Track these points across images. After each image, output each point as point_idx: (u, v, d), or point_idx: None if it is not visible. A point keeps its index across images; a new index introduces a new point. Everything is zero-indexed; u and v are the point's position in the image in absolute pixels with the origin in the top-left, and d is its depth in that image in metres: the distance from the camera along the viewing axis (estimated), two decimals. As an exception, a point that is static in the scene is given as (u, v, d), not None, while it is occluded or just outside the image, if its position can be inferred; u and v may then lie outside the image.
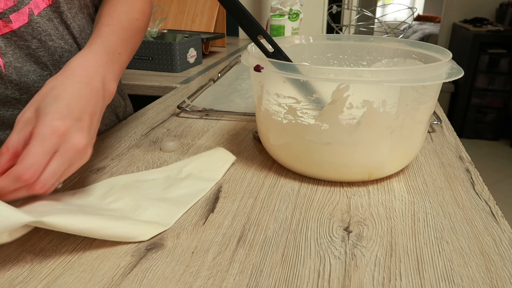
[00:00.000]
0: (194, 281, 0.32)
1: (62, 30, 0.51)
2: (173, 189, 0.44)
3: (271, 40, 0.48)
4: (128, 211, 0.40)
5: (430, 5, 5.54)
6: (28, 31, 0.47)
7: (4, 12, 0.44)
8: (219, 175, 0.47)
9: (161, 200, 0.42)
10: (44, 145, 0.34)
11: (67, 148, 0.36)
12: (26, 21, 0.46)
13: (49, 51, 0.50)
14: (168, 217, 0.39)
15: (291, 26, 1.23)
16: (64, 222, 0.33)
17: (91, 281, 0.32)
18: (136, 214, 0.39)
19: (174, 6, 1.38)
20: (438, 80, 0.40)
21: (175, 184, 0.45)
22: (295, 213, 0.40)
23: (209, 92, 0.80)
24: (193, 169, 0.48)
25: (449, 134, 0.62)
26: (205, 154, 0.51)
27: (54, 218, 0.33)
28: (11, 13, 0.44)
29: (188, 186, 0.45)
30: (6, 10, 0.44)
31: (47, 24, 0.48)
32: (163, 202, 0.42)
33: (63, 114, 0.36)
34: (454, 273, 0.32)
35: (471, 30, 2.95)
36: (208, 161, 0.50)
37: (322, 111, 0.42)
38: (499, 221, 0.39)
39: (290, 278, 0.32)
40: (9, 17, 0.44)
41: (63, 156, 0.36)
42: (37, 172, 0.34)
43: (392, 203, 0.42)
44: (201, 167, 0.49)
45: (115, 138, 0.59)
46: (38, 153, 0.34)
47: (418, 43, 0.53)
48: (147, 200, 0.42)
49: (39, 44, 0.48)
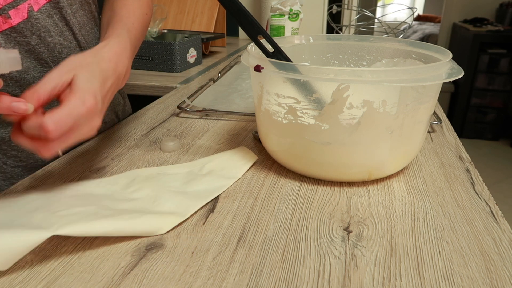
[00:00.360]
0: (194, 281, 0.32)
1: (62, 26, 0.51)
2: (194, 184, 0.45)
3: (271, 40, 0.48)
4: (148, 201, 0.42)
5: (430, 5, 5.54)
6: (27, 27, 0.47)
7: (3, 8, 0.44)
8: (239, 173, 0.48)
9: (180, 193, 0.43)
10: (75, 114, 0.37)
11: (87, 126, 0.39)
12: (25, 17, 0.46)
13: (49, 47, 0.50)
14: (185, 208, 0.40)
15: (291, 26, 1.23)
16: (81, 230, 0.34)
17: (91, 281, 0.32)
18: (155, 205, 0.41)
19: (174, 6, 1.38)
20: (438, 80, 0.40)
21: (196, 180, 0.46)
22: (295, 213, 0.40)
23: (209, 92, 0.80)
24: (215, 166, 0.49)
25: (449, 134, 0.62)
26: (228, 153, 0.53)
27: (71, 228, 0.34)
28: (10, 9, 0.44)
29: (208, 182, 0.46)
30: (5, 6, 0.44)
31: (46, 20, 0.48)
32: (182, 195, 0.43)
33: (96, 94, 0.39)
34: (454, 273, 0.32)
35: (471, 30, 2.95)
36: (231, 159, 0.51)
37: (322, 111, 0.42)
38: (499, 221, 0.39)
39: (290, 278, 0.32)
40: (9, 13, 0.44)
41: (80, 132, 0.39)
42: (59, 132, 0.36)
43: (392, 203, 0.42)
44: (223, 165, 0.50)
45: (115, 138, 0.59)
46: (69, 118, 0.36)
47: (418, 43, 0.53)
48: (167, 192, 0.43)
49: (38, 40, 0.48)
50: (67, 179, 0.47)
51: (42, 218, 0.36)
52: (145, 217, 0.38)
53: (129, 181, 0.45)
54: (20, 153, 0.52)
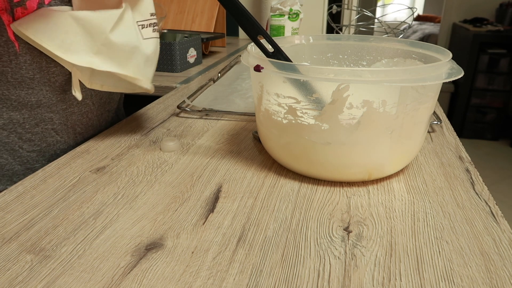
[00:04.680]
0: (194, 281, 0.32)
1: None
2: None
3: (271, 40, 0.48)
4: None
5: (430, 5, 5.54)
6: None
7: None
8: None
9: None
10: None
11: None
12: (35, 8, 0.48)
13: None
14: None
15: (291, 26, 1.23)
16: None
17: (91, 281, 0.32)
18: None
19: (174, 6, 1.38)
20: (438, 80, 0.40)
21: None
22: (295, 213, 0.40)
23: (209, 92, 0.80)
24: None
25: (449, 134, 0.62)
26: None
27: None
28: (27, 0, 0.47)
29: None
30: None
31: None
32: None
33: None
34: (454, 273, 0.32)
35: (471, 30, 2.95)
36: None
37: (322, 111, 0.42)
38: (499, 221, 0.39)
39: (290, 278, 0.32)
40: (26, 4, 0.47)
41: None
42: None
43: (392, 203, 0.42)
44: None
45: (115, 138, 0.59)
46: None
47: (418, 43, 0.53)
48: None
49: None
50: (67, 179, 0.47)
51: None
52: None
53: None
54: (34, 136, 0.54)
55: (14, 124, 0.52)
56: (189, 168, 0.50)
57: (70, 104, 0.56)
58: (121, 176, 0.48)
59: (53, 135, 0.56)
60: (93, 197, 0.43)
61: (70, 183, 0.46)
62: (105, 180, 0.47)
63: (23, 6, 0.46)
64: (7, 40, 0.47)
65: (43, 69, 0.51)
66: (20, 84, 0.51)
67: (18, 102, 0.51)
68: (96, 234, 0.37)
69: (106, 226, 0.38)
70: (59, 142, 0.57)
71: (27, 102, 0.52)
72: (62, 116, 0.56)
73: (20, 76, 0.50)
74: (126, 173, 0.48)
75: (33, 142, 0.55)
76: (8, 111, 0.51)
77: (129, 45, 0.52)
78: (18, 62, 0.49)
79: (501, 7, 3.23)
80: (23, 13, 0.46)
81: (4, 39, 0.47)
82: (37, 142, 0.55)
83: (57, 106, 0.55)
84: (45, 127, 0.55)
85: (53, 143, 0.56)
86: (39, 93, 0.52)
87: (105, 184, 0.46)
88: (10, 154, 0.54)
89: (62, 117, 0.56)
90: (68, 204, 0.42)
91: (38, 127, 0.54)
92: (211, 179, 0.47)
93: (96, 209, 0.41)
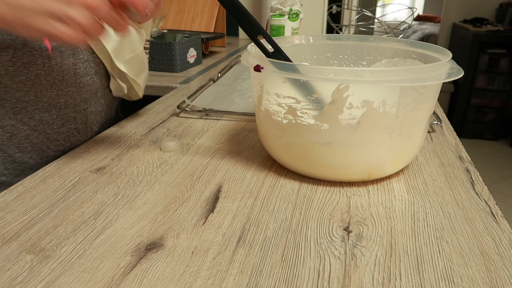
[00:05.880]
0: (194, 281, 0.32)
1: None
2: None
3: (271, 40, 0.48)
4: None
5: (430, 5, 5.54)
6: None
7: None
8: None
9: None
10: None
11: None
12: None
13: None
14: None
15: (291, 26, 1.23)
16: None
17: (91, 281, 0.32)
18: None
19: (174, 6, 1.38)
20: (438, 80, 0.40)
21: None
22: (295, 213, 0.40)
23: (209, 92, 0.80)
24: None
25: (449, 134, 0.62)
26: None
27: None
28: None
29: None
30: None
31: None
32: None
33: None
34: (454, 273, 0.32)
35: (471, 30, 2.95)
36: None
37: (322, 111, 0.42)
38: (499, 221, 0.39)
39: (290, 278, 0.32)
40: None
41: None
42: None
43: (392, 203, 0.42)
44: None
45: (115, 138, 0.59)
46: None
47: (418, 43, 0.53)
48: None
49: None
50: (67, 179, 0.47)
51: None
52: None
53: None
54: (60, 136, 0.57)
55: (44, 125, 0.54)
56: (189, 168, 0.50)
57: (90, 103, 0.59)
58: (121, 176, 0.48)
59: (75, 134, 0.58)
60: (93, 197, 0.43)
61: (70, 183, 0.46)
62: (105, 180, 0.47)
63: None
64: (41, 44, 0.49)
65: (70, 70, 0.54)
66: (52, 86, 0.53)
67: (49, 104, 0.54)
68: (96, 234, 0.37)
69: (106, 226, 0.38)
70: (80, 141, 0.59)
71: (57, 103, 0.54)
72: (83, 116, 0.58)
73: (52, 78, 0.52)
74: (126, 173, 0.48)
75: (58, 142, 0.57)
76: (39, 113, 0.54)
77: (144, 62, 0.63)
78: (51, 65, 0.52)
79: (501, 7, 3.23)
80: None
81: (38, 43, 0.49)
82: (62, 142, 0.57)
83: (80, 106, 0.57)
84: (70, 127, 0.57)
85: (75, 142, 0.59)
86: (66, 94, 0.55)
87: (105, 184, 0.46)
88: (38, 154, 0.56)
89: (83, 117, 0.59)
90: (68, 204, 0.42)
91: (64, 127, 0.56)
92: (211, 179, 0.47)
93: (96, 209, 0.41)
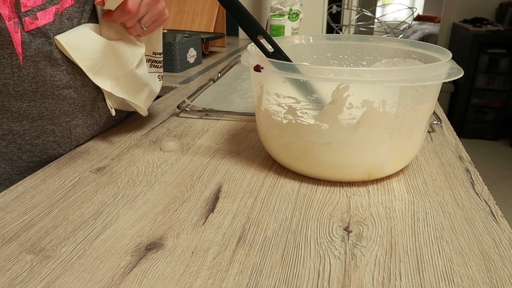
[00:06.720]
0: (194, 281, 0.32)
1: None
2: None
3: (271, 40, 0.48)
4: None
5: (430, 5, 5.54)
6: (51, 29, 0.48)
7: (32, 9, 0.46)
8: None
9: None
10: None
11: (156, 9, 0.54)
12: (51, 19, 0.48)
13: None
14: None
15: (291, 26, 1.23)
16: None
17: (91, 281, 0.32)
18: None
19: (174, 6, 1.38)
20: (438, 80, 0.40)
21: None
22: (295, 213, 0.40)
23: (209, 92, 0.80)
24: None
25: (449, 134, 0.62)
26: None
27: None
28: (38, 11, 0.46)
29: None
30: (34, 8, 0.46)
31: (66, 23, 0.50)
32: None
33: None
34: (454, 273, 0.32)
35: (471, 30, 2.95)
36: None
37: (322, 111, 0.42)
38: (499, 221, 0.39)
39: (290, 278, 0.32)
40: (36, 15, 0.46)
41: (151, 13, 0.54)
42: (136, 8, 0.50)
43: (392, 203, 0.42)
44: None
45: (115, 138, 0.59)
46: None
47: (418, 43, 0.53)
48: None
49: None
50: (67, 179, 0.47)
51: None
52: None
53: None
54: (34, 148, 0.53)
55: (13, 135, 0.51)
56: (189, 168, 0.50)
57: (74, 116, 0.55)
58: (121, 176, 0.48)
59: (54, 147, 0.54)
60: (93, 197, 0.43)
61: (70, 183, 0.46)
62: (105, 180, 0.47)
63: (31, 16, 0.46)
64: (12, 53, 0.46)
65: (47, 82, 0.50)
66: (22, 96, 0.49)
67: (19, 114, 0.50)
68: (96, 234, 0.37)
69: (106, 226, 0.38)
70: (61, 154, 0.55)
71: (28, 114, 0.50)
72: (65, 129, 0.54)
73: (22, 89, 0.49)
74: (126, 173, 0.49)
75: (33, 153, 0.53)
76: (8, 122, 0.50)
77: (142, 80, 0.59)
78: (21, 75, 0.48)
79: (501, 7, 3.23)
80: (32, 23, 0.46)
81: (9, 51, 0.46)
82: (37, 154, 0.54)
83: (59, 119, 0.53)
84: (47, 139, 0.53)
85: (54, 155, 0.55)
86: (41, 106, 0.51)
87: (105, 184, 0.46)
88: (8, 163, 0.53)
89: (65, 130, 0.54)
90: (68, 204, 0.42)
91: (39, 139, 0.53)
92: (211, 179, 0.47)
93: (96, 209, 0.41)
